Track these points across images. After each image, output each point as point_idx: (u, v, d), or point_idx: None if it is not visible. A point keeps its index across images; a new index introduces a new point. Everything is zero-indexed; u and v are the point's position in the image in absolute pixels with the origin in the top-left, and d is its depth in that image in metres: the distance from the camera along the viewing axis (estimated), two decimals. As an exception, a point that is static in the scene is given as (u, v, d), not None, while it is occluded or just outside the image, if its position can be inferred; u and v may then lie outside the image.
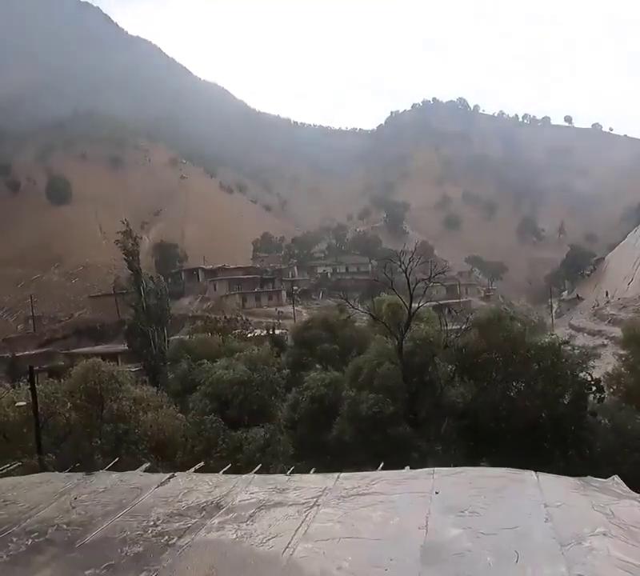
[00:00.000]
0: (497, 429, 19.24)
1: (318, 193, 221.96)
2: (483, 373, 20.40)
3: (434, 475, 7.37)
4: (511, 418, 19.02)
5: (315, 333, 36.74)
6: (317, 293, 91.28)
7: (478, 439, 19.28)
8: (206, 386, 21.56)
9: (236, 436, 18.85)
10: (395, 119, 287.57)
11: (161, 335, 35.95)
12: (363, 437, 18.84)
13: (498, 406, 19.50)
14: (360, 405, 18.86)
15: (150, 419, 19.01)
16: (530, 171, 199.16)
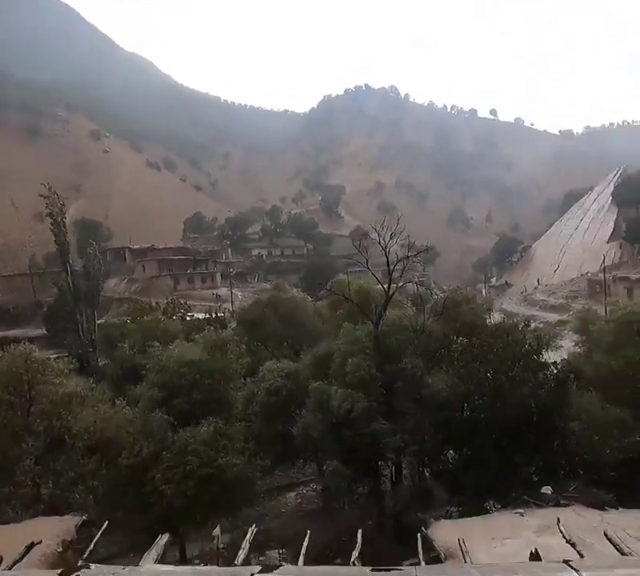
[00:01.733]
0: (476, 420, 18.13)
1: (249, 173, 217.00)
2: (461, 361, 19.17)
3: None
4: (493, 408, 17.95)
5: (263, 316, 34.46)
6: (252, 276, 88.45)
7: (457, 431, 18.08)
8: (154, 374, 18.88)
9: (183, 436, 16.40)
10: (328, 103, 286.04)
11: (90, 319, 32.23)
12: (333, 433, 17.07)
13: (479, 395, 18.39)
14: (330, 401, 17.03)
15: (91, 414, 16.21)
16: (459, 162, 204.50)
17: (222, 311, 40.59)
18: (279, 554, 17.62)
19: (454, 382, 18.36)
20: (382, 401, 17.40)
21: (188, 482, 15.45)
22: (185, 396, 18.67)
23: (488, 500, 16.43)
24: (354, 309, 25.06)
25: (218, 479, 16.01)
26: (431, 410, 17.85)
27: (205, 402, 19.03)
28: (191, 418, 18.37)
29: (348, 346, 18.16)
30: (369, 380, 17.29)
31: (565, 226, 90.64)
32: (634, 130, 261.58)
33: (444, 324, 20.36)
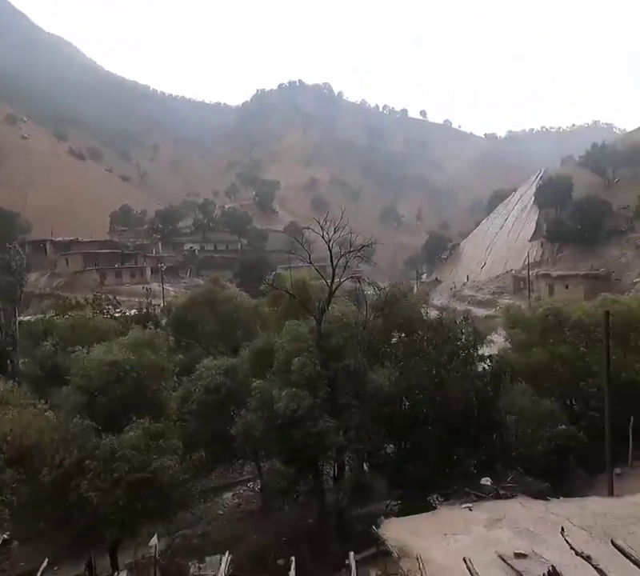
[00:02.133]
0: (417, 414, 18.30)
1: (180, 166, 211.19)
2: (402, 356, 19.30)
3: None
4: (433, 402, 18.17)
5: (197, 312, 33.28)
6: (184, 271, 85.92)
7: (398, 426, 18.16)
8: (79, 377, 17.49)
9: (108, 442, 15.26)
10: (261, 97, 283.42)
11: (10, 315, 29.88)
12: (279, 433, 16.62)
13: (420, 390, 18.56)
14: (274, 401, 16.53)
15: (9, 420, 14.83)
16: (391, 161, 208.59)
17: (153, 307, 38.86)
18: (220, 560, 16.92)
19: (396, 378, 18.43)
20: (327, 398, 17.12)
21: (116, 489, 14.47)
22: (108, 398, 17.46)
23: (429, 493, 16.61)
24: (294, 304, 24.70)
25: (152, 484, 15.13)
26: (374, 405, 17.82)
27: (132, 403, 17.91)
28: (118, 421, 17.27)
29: (291, 343, 17.69)
30: (315, 378, 16.94)
31: (491, 225, 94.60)
32: (549, 136, 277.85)
33: (385, 320, 20.38)
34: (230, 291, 34.43)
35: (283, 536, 20.66)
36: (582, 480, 20.19)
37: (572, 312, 25.11)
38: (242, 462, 22.88)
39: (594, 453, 20.08)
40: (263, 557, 18.79)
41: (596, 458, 20.45)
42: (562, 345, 23.05)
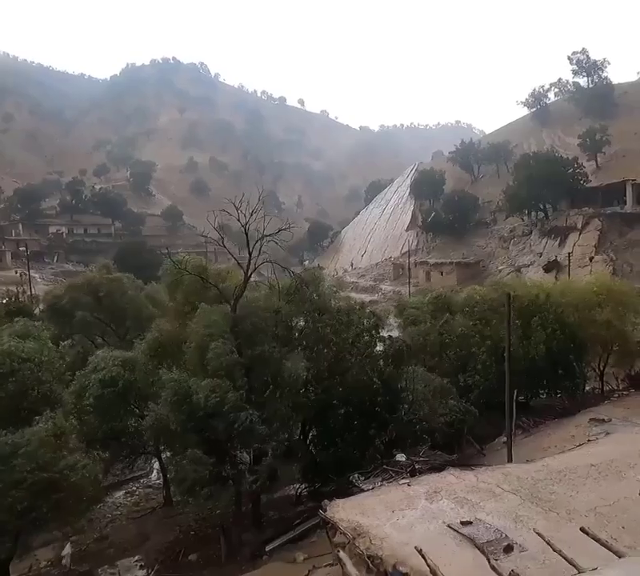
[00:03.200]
0: (329, 399, 18.57)
1: (39, 140, 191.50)
2: (309, 343, 19.46)
3: None
4: (342, 386, 18.55)
5: (80, 301, 30.59)
6: (51, 256, 78.52)
7: (312, 411, 18.31)
8: None
9: (6, 439, 13.61)
10: (132, 72, 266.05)
11: None
12: (197, 424, 15.88)
13: (328, 375, 18.84)
14: (192, 393, 15.73)
15: None
16: (270, 146, 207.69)
17: (25, 296, 35.06)
18: (137, 561, 15.92)
19: (306, 364, 18.53)
20: (246, 387, 16.69)
21: (16, 492, 12.84)
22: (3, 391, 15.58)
23: (348, 474, 16.99)
24: (194, 291, 23.70)
25: (60, 483, 13.66)
26: (290, 392, 17.77)
27: (29, 399, 16.17)
28: (13, 417, 15.46)
29: (205, 330, 16.93)
30: (232, 366, 16.40)
31: (370, 214, 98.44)
32: (418, 132, 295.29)
33: (296, 306, 20.33)
34: (118, 277, 32.04)
35: (191, 530, 20.06)
36: (474, 450, 21.92)
37: (456, 296, 27.23)
38: (132, 459, 21.62)
39: (481, 424, 22.06)
40: (174, 553, 18.07)
41: (482, 429, 22.48)
42: (448, 325, 24.83)
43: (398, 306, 28.65)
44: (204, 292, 23.45)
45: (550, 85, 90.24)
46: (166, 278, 26.41)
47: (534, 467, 12.13)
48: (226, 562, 16.44)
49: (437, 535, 8.97)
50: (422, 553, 7.40)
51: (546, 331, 22.64)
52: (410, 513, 9.80)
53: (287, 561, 14.14)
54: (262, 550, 16.00)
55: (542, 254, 52.06)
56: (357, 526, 9.43)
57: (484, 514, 9.53)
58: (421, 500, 10.26)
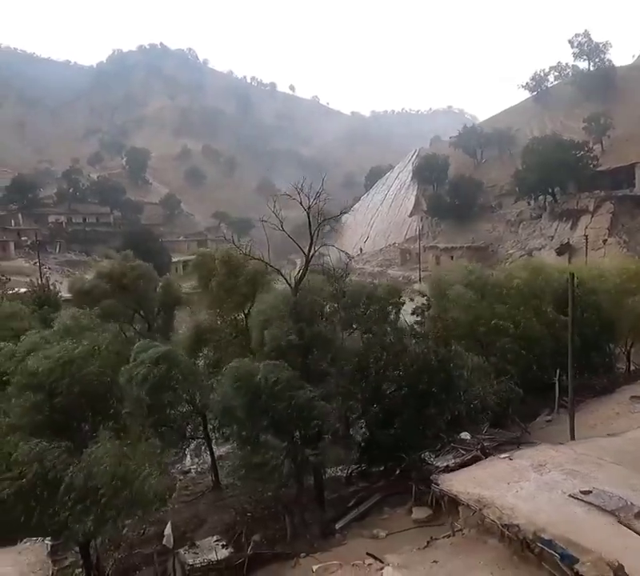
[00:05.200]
0: (385, 378, 18.75)
1: (27, 128, 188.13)
2: (367, 323, 19.62)
3: None
4: (398, 365, 18.71)
5: (106, 291, 30.47)
6: (52, 245, 77.63)
7: (371, 390, 18.48)
8: (24, 376, 14.92)
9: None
10: (119, 58, 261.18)
11: None
12: (262, 407, 16.02)
13: (385, 354, 18.99)
14: (255, 376, 15.85)
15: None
16: (263, 133, 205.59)
17: (52, 286, 34.76)
18: (217, 541, 16.07)
19: (364, 344, 18.73)
20: (304, 367, 16.81)
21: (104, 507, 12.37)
22: (64, 396, 15.16)
23: (407, 453, 17.20)
24: (227, 283, 23.82)
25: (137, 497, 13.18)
26: (349, 372, 17.94)
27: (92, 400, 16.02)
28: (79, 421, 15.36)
29: (264, 315, 17.01)
30: (289, 346, 16.51)
31: (371, 200, 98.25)
32: (410, 117, 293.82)
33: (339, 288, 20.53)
34: (140, 266, 31.93)
35: (247, 512, 20.23)
36: (518, 429, 22.26)
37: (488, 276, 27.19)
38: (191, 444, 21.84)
39: (519, 405, 22.36)
40: (236, 535, 18.22)
41: (520, 409, 22.80)
42: (488, 303, 24.92)
43: (434, 284, 28.05)
44: (235, 279, 23.70)
45: (550, 68, 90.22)
46: (197, 267, 26.44)
47: (623, 440, 12.36)
48: (292, 541, 16.63)
49: (562, 504, 9.14)
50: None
51: (582, 314, 22.93)
52: (526, 484, 9.97)
53: (367, 537, 14.34)
54: (332, 528, 16.22)
55: (554, 237, 52.41)
56: (479, 498, 9.58)
57: (598, 483, 9.71)
58: (530, 472, 10.43)
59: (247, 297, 22.46)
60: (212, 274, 24.65)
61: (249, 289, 22.11)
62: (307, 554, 13.35)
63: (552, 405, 22.99)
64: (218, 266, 24.27)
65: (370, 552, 11.45)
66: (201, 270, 25.76)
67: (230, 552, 14.57)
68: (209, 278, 24.68)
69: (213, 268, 24.76)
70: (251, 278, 21.94)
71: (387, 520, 15.24)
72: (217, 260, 24.62)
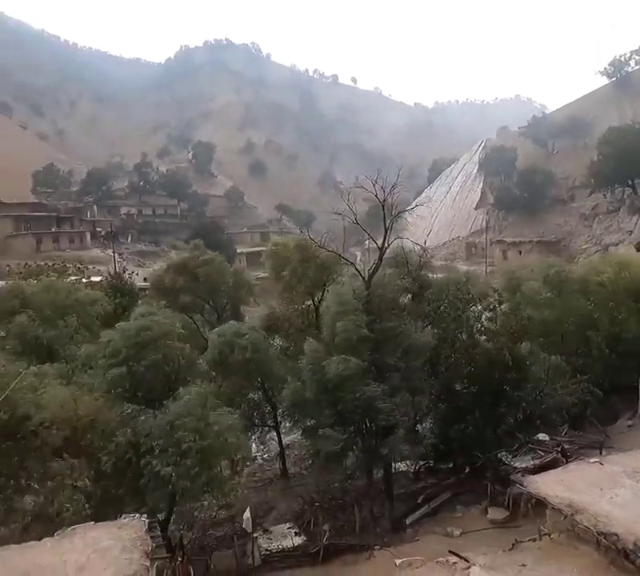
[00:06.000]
0: (455, 375, 18.44)
1: (100, 124, 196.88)
2: (437, 318, 19.25)
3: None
4: (470, 362, 18.33)
5: (180, 280, 31.42)
6: (125, 236, 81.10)
7: (441, 386, 18.23)
8: (110, 350, 15.92)
9: (164, 418, 14.02)
10: (186, 54, 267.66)
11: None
12: (329, 396, 16.14)
13: (452, 352, 18.66)
14: (325, 367, 15.99)
15: (54, 397, 13.15)
16: (324, 126, 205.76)
17: (127, 275, 36.25)
18: (290, 528, 16.40)
19: (434, 340, 18.42)
20: (374, 361, 16.75)
21: (186, 459, 13.47)
22: (146, 366, 16.18)
23: (482, 451, 16.87)
24: (299, 272, 24.03)
25: (213, 449, 14.24)
26: (419, 367, 17.71)
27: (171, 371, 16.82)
28: (161, 389, 16.14)
29: (337, 308, 17.01)
30: (360, 340, 16.46)
31: (434, 193, 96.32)
32: (475, 107, 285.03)
33: (420, 283, 20.22)
34: (212, 258, 32.67)
35: (315, 502, 20.47)
36: (596, 432, 21.30)
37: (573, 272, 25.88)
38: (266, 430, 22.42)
39: (597, 407, 21.29)
40: (304, 523, 18.50)
41: (598, 412, 21.73)
42: (569, 300, 23.84)
43: (507, 279, 27.16)
44: (307, 268, 23.88)
45: (631, 53, 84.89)
46: (271, 256, 26.78)
47: None
48: (361, 533, 16.70)
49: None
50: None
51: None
52: (621, 491, 9.49)
53: (440, 534, 14.18)
54: (403, 523, 16.17)
55: (633, 231, 49.58)
56: (571, 503, 9.21)
57: (703, 493, 9.13)
58: (624, 479, 9.92)
59: (318, 286, 22.61)
60: (285, 262, 24.89)
61: (320, 278, 22.25)
62: (381, 547, 13.33)
63: (634, 408, 21.85)
64: (293, 253, 24.43)
65: (445, 550, 11.31)
66: (274, 258, 25.99)
67: (303, 540, 14.78)
68: (282, 267, 24.97)
69: (286, 256, 25.00)
70: (323, 268, 22.03)
71: (461, 518, 14.99)
72: (292, 247, 24.86)
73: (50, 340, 20.39)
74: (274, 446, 24.88)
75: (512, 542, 10.10)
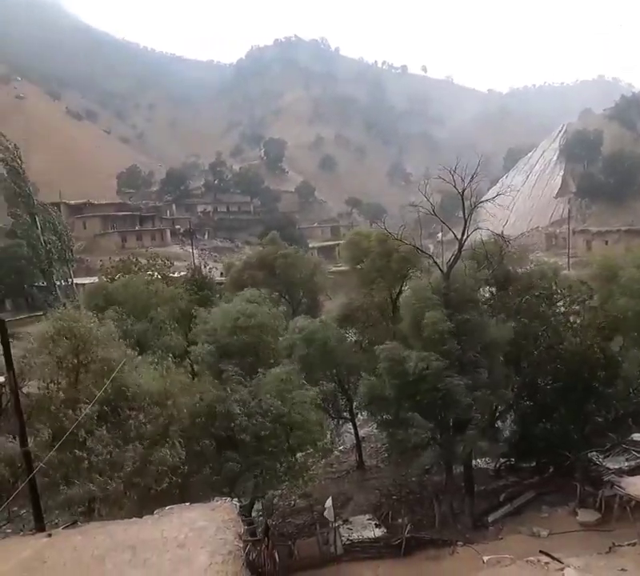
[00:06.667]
0: (542, 371, 17.73)
1: (177, 126, 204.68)
2: (519, 311, 18.55)
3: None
4: (555, 358, 17.54)
5: (257, 273, 32.24)
6: (201, 233, 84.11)
7: (524, 382, 17.61)
8: (207, 334, 16.85)
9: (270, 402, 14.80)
10: (256, 54, 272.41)
11: (66, 277, 28.62)
12: (409, 389, 16.02)
13: (535, 347, 17.93)
14: (404, 362, 15.88)
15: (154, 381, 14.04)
16: (394, 117, 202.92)
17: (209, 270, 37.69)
18: (370, 520, 16.54)
19: (516, 333, 17.80)
20: (456, 355, 16.42)
21: (264, 421, 14.34)
22: (238, 348, 16.95)
23: (570, 451, 16.16)
24: (378, 262, 23.80)
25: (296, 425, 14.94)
26: (499, 361, 17.22)
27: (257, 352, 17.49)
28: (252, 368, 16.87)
29: (418, 302, 16.80)
30: (444, 333, 16.18)
31: (511, 182, 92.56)
32: (553, 90, 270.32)
33: (502, 275, 19.62)
34: (288, 253, 33.18)
35: (392, 494, 20.46)
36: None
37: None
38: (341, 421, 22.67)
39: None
40: (382, 515, 18.54)
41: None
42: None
43: (599, 269, 24.93)
44: (387, 260, 23.60)
45: None
46: (350, 246, 26.69)
47: None
48: (441, 529, 16.50)
49: None
50: None
51: None
52: None
53: (525, 534, 13.74)
54: (485, 521, 15.83)
55: None
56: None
57: None
58: None
59: (397, 279, 22.36)
60: (364, 253, 24.64)
61: (400, 271, 22.01)
62: (464, 544, 13.11)
63: None
64: (373, 244, 24.10)
65: (532, 550, 10.96)
66: (353, 249, 25.80)
67: (384, 532, 14.82)
68: (360, 258, 24.77)
69: (365, 248, 24.76)
70: (404, 261, 21.78)
71: (547, 519, 14.47)
72: (372, 239, 24.56)
73: (138, 333, 21.65)
74: (348, 438, 25.06)
75: (608, 545, 9.63)
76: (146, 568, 7.07)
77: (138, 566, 7.09)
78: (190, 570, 6.91)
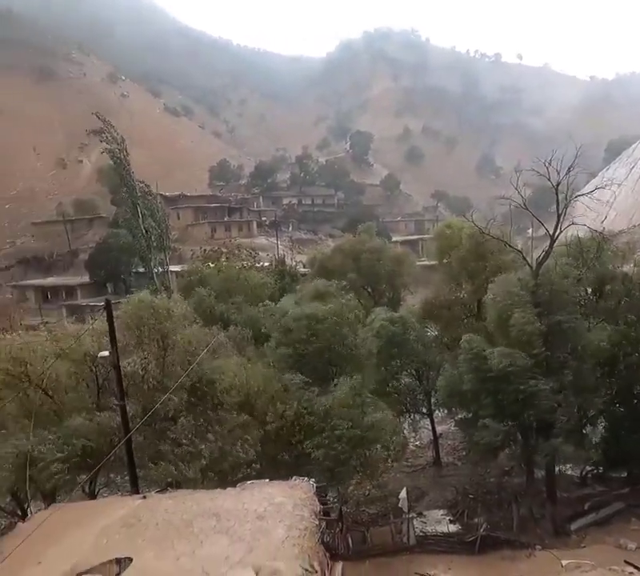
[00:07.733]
0: (635, 377, 16.66)
1: (267, 120, 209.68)
2: (619, 313, 17.49)
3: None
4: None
5: (342, 263, 32.44)
6: (286, 224, 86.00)
7: (618, 387, 16.64)
8: (279, 333, 17.31)
9: (322, 401, 15.11)
10: (346, 47, 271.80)
11: (161, 264, 30.48)
12: (490, 386, 15.65)
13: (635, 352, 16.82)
14: (488, 358, 15.51)
15: (233, 366, 14.79)
16: (486, 108, 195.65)
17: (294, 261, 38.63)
18: (444, 515, 16.50)
19: (611, 336, 16.83)
20: (542, 356, 15.82)
21: (338, 445, 14.34)
22: (310, 350, 17.22)
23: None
24: (468, 257, 23.08)
25: (366, 439, 15.04)
26: (590, 365, 16.37)
27: (332, 354, 17.69)
28: (323, 372, 17.14)
29: (505, 300, 16.32)
30: (532, 334, 15.62)
31: (612, 176, 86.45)
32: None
33: (595, 273, 18.59)
34: (375, 246, 33.02)
35: (469, 493, 20.12)
36: None
37: None
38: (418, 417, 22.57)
39: None
40: (457, 513, 18.32)
41: None
42: None
43: None
44: (477, 256, 22.78)
45: None
46: (439, 238, 26.01)
47: None
48: (519, 532, 16.05)
49: None
50: None
51: None
52: None
53: (611, 545, 13.09)
54: (567, 528, 15.22)
55: None
56: None
57: None
58: None
59: (485, 276, 21.51)
60: (453, 247, 23.77)
61: (489, 268, 21.28)
62: (542, 548, 12.73)
63: None
64: (464, 238, 22.97)
65: (616, 561, 10.45)
66: (442, 241, 24.84)
67: (458, 528, 14.69)
68: (448, 252, 24.04)
69: (456, 241, 23.58)
70: (492, 257, 21.11)
71: (637, 532, 13.66)
72: (463, 234, 23.28)
73: (221, 311, 22.89)
74: (425, 434, 24.87)
75: None
76: (229, 535, 7.56)
77: (222, 532, 7.60)
78: (269, 540, 7.31)
